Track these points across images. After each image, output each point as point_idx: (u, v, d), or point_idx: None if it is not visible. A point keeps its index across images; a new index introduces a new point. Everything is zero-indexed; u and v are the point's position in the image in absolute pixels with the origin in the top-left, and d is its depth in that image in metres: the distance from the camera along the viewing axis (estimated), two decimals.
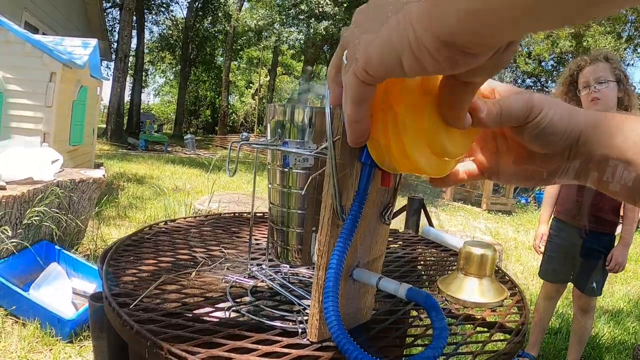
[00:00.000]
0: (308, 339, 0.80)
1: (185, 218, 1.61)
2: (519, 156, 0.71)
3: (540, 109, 0.65)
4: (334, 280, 0.68)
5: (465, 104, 0.57)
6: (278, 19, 21.48)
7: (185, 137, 23.17)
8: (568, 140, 0.66)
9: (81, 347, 2.99)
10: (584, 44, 23.69)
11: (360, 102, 0.54)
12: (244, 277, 1.10)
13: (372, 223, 0.81)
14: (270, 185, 1.01)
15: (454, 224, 8.80)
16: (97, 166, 7.83)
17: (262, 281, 1.08)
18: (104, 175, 4.66)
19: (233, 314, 0.94)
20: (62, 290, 3.33)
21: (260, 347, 0.77)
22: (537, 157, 0.70)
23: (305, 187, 0.94)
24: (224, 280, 1.08)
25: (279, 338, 0.82)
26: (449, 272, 1.33)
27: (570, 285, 3.35)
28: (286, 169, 0.97)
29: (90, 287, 3.52)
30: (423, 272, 1.37)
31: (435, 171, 0.63)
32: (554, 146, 0.67)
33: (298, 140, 0.94)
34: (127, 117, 25.94)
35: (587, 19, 0.36)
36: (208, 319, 0.90)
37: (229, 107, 34.30)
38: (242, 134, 1.03)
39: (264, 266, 1.16)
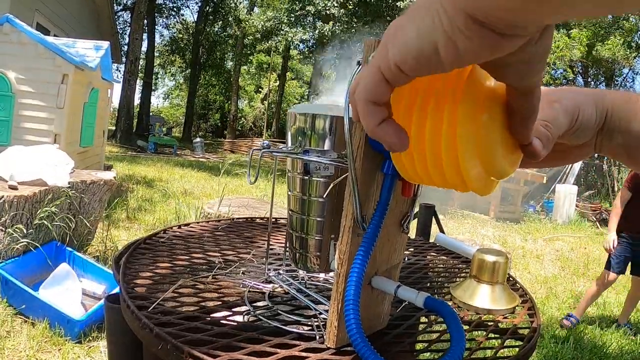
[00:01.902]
0: (326, 345, 0.81)
1: (198, 222, 1.62)
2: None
3: (577, 111, 0.67)
4: (355, 288, 0.69)
5: (531, 118, 0.57)
6: (285, 21, 21.51)
7: (194, 141, 23.21)
8: (598, 126, 0.70)
9: (90, 347, 3.00)
10: (594, 52, 23.65)
11: (377, 103, 0.50)
12: (261, 282, 1.11)
13: (392, 232, 0.82)
14: (289, 192, 1.02)
15: (462, 232, 8.79)
16: (107, 168, 7.86)
17: (279, 286, 1.09)
18: (114, 177, 4.68)
19: (250, 318, 0.95)
20: (72, 291, 3.34)
21: (279, 350, 0.78)
22: (567, 145, 0.73)
23: (325, 194, 0.95)
24: (241, 285, 1.09)
25: (297, 342, 0.83)
26: (460, 278, 1.33)
27: None
28: (306, 177, 0.98)
29: (100, 288, 3.53)
30: (434, 279, 1.38)
31: (483, 189, 0.60)
32: (587, 137, 0.71)
33: (319, 149, 0.95)
34: (136, 120, 26.00)
35: (621, 11, 0.36)
36: (226, 322, 0.91)
37: (238, 111, 34.32)
38: (263, 142, 1.03)
39: (281, 271, 1.17)
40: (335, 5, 19.73)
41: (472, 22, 0.40)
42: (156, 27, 31.60)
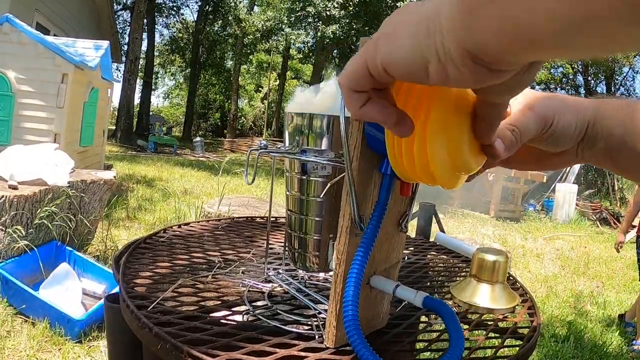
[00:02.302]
0: (325, 344, 0.81)
1: (198, 222, 1.62)
2: (530, 149, 0.74)
3: (552, 119, 0.67)
4: (354, 289, 0.69)
5: (495, 123, 0.59)
6: (286, 22, 21.48)
7: (194, 140, 23.22)
8: (579, 136, 0.69)
9: (90, 347, 3.01)
10: None
11: (359, 91, 0.53)
12: (261, 282, 1.11)
13: (390, 231, 0.82)
14: (288, 192, 1.02)
15: (462, 231, 8.78)
16: (107, 167, 7.86)
17: (279, 286, 1.09)
18: (114, 177, 4.68)
19: (250, 318, 0.94)
20: (72, 291, 3.34)
21: (278, 350, 0.78)
22: (548, 152, 0.74)
23: (323, 194, 0.95)
24: (241, 284, 1.09)
25: (296, 342, 0.83)
26: (460, 277, 1.33)
27: None
28: (304, 177, 0.98)
29: (100, 287, 3.54)
30: (435, 278, 1.38)
31: (449, 184, 0.63)
32: (566, 145, 0.71)
33: (316, 148, 0.95)
34: (136, 119, 25.99)
35: (625, 50, 0.36)
36: (225, 322, 0.91)
37: (238, 110, 34.30)
38: (260, 142, 1.03)
39: (280, 271, 1.17)
40: (336, 6, 19.71)
41: (468, 58, 0.41)
42: (156, 26, 31.60)
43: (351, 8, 20.01)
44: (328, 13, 19.75)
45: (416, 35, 0.44)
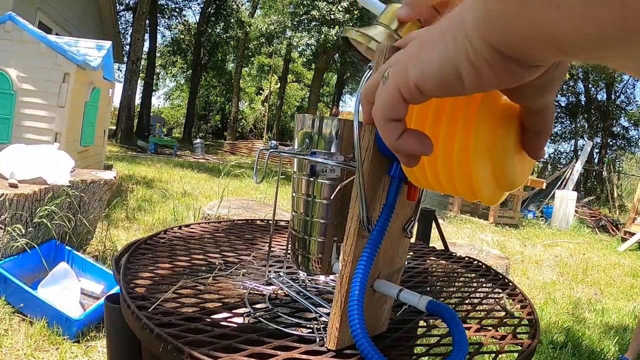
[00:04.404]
0: (326, 347, 0.81)
1: (199, 223, 1.62)
2: None
3: None
4: (359, 289, 0.69)
5: (544, 134, 0.58)
6: (290, 25, 21.47)
7: (194, 142, 23.20)
8: None
9: (88, 347, 3.00)
10: None
11: (396, 119, 0.52)
12: (262, 284, 1.11)
13: (395, 236, 0.82)
14: (294, 194, 1.02)
15: (461, 236, 8.78)
16: (107, 168, 7.86)
17: (280, 288, 1.09)
18: (115, 177, 4.68)
19: (251, 320, 0.95)
20: (71, 290, 3.34)
21: (279, 353, 0.78)
22: None
23: (333, 195, 0.95)
24: (242, 287, 1.09)
25: (297, 345, 0.83)
26: (460, 282, 1.34)
27: None
28: (312, 179, 0.98)
29: (99, 287, 3.53)
30: (434, 283, 1.38)
31: (491, 199, 0.62)
32: None
33: (325, 151, 0.95)
34: (137, 120, 25.97)
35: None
36: (226, 324, 0.91)
37: (239, 113, 34.29)
38: (270, 142, 1.04)
39: (281, 273, 1.17)
40: (340, 10, 19.70)
41: (497, 54, 0.41)
42: (158, 27, 31.57)
43: (356, 12, 19.98)
44: (332, 17, 19.73)
45: (444, 44, 0.44)
